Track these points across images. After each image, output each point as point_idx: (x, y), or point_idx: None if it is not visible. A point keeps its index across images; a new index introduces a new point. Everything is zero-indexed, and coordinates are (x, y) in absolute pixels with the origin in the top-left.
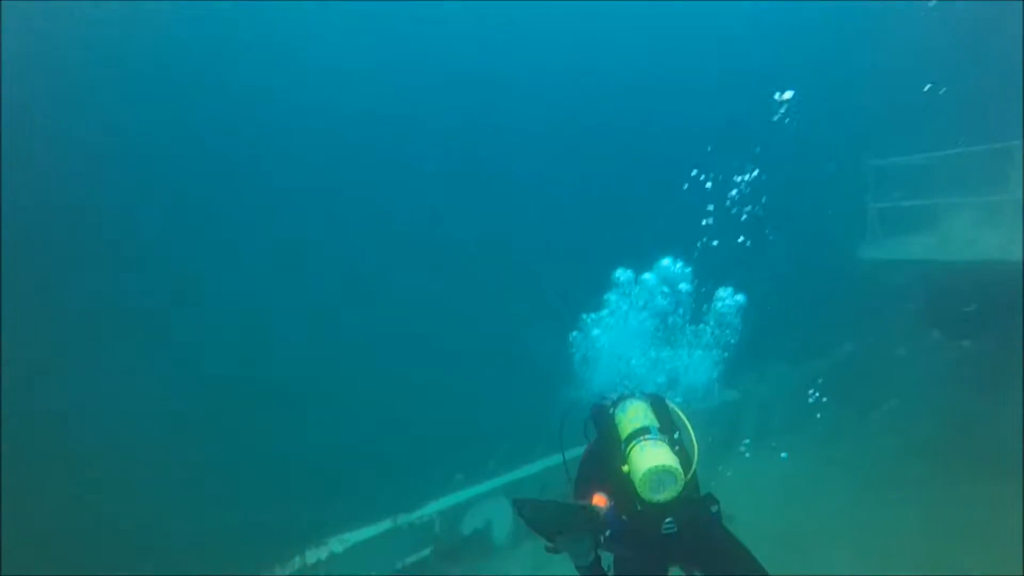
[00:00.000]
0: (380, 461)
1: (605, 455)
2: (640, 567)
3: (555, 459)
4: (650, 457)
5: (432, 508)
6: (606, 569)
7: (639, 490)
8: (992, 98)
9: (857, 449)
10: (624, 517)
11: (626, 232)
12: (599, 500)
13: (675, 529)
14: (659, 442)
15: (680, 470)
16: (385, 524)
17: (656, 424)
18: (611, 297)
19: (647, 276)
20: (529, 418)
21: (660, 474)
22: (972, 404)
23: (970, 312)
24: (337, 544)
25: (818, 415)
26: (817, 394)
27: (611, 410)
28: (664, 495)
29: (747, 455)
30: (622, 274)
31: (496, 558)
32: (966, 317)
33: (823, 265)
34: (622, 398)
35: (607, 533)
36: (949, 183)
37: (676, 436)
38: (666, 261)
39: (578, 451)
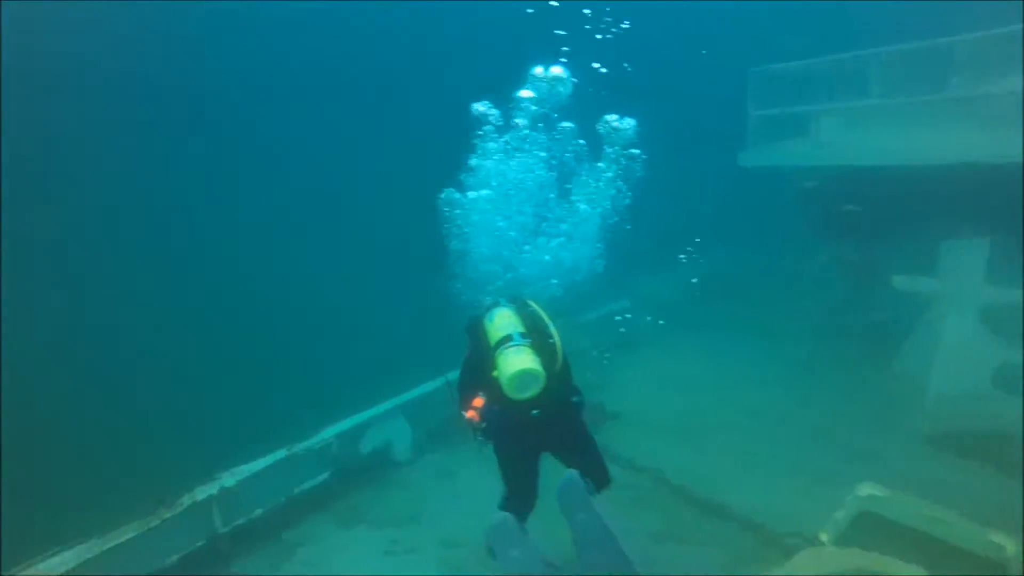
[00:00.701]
0: (274, 395)
1: (478, 363)
2: (514, 451)
3: (450, 375)
4: (513, 363)
5: (329, 432)
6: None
7: (506, 391)
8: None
9: (749, 345)
10: (496, 408)
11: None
12: (478, 401)
13: (538, 414)
14: (521, 347)
15: (541, 371)
16: (280, 453)
17: (520, 330)
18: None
19: (519, 95)
20: (424, 336)
21: (523, 377)
22: (852, 301)
23: (850, 213)
24: (229, 478)
25: (696, 293)
26: (696, 283)
27: (482, 320)
28: (529, 393)
29: (622, 330)
30: (487, 108)
31: (398, 471)
32: (846, 221)
33: (704, 171)
34: (492, 306)
35: (484, 426)
36: (823, 90)
37: (550, 329)
38: (538, 69)
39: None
